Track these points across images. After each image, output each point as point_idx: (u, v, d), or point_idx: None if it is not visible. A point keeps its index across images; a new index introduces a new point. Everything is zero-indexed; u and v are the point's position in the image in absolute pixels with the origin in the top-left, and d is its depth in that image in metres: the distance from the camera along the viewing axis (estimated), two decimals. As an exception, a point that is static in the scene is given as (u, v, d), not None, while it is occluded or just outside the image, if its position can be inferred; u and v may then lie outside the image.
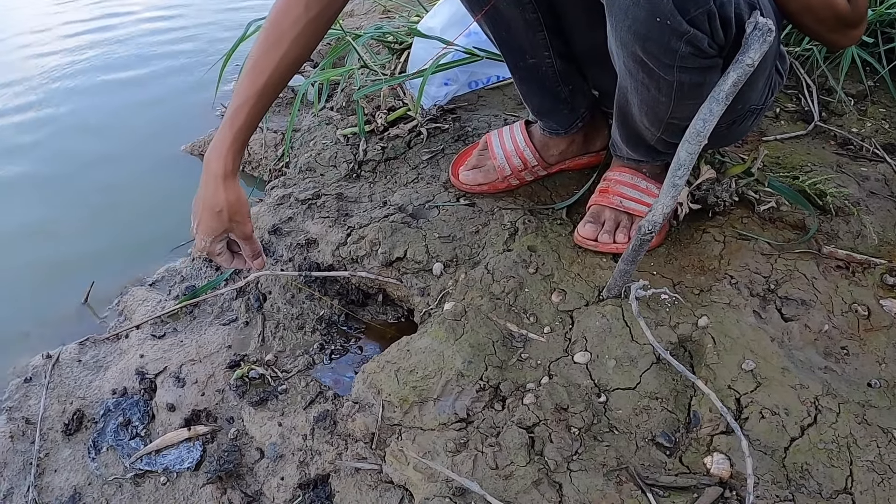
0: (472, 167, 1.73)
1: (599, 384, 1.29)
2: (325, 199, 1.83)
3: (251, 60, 1.33)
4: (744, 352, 1.28)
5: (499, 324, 1.41)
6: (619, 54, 1.18)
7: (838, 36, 1.22)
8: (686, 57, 1.08)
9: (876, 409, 1.20)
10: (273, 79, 1.33)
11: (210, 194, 1.34)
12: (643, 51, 1.10)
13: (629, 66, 1.18)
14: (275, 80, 1.33)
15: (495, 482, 1.17)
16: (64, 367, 1.63)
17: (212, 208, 1.34)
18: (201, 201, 1.35)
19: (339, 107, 2.26)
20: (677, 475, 1.16)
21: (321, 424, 1.36)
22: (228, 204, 1.34)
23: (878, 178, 1.71)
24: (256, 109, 1.33)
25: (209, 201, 1.34)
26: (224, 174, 1.33)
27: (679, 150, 1.16)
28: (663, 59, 1.10)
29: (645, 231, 1.24)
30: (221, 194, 1.34)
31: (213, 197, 1.34)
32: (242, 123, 1.32)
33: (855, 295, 1.40)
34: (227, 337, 1.63)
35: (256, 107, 1.33)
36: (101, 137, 2.70)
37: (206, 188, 1.34)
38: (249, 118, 1.33)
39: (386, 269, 1.62)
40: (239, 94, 1.33)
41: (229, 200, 1.34)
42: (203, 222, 1.36)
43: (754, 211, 1.57)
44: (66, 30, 3.78)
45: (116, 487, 1.40)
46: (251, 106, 1.32)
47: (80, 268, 2.00)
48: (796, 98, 2.08)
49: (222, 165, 1.33)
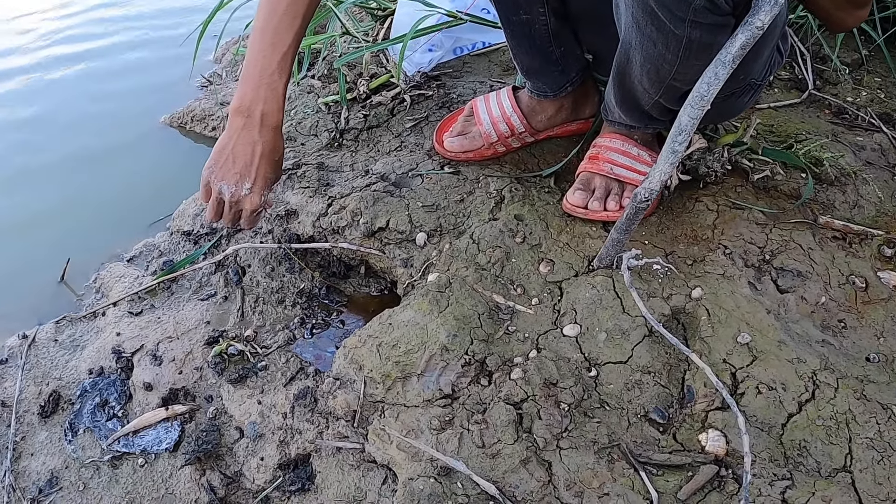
0: (457, 134, 1.69)
1: (590, 358, 1.26)
2: (306, 168, 1.78)
3: (279, 5, 1.31)
4: (739, 324, 1.25)
5: (485, 295, 1.37)
6: (628, 4, 1.14)
7: (844, 14, 1.19)
8: (700, 11, 1.05)
9: (875, 384, 1.18)
10: (307, 19, 1.34)
11: (270, 146, 1.37)
12: (656, 1, 1.06)
13: (638, 17, 1.14)
14: (307, 21, 1.35)
15: (482, 461, 1.14)
16: (40, 348, 1.60)
17: (271, 158, 1.39)
18: (259, 155, 1.37)
19: (320, 75, 2.21)
20: (671, 453, 1.13)
21: (301, 402, 1.33)
22: (282, 152, 1.42)
23: (875, 148, 1.69)
24: (294, 56, 1.36)
25: (270, 152, 1.37)
26: (280, 125, 1.38)
27: (681, 114, 1.13)
28: (676, 12, 1.06)
29: (641, 199, 1.20)
30: (280, 142, 1.40)
31: (274, 147, 1.38)
32: (289, 72, 1.35)
33: (852, 266, 1.38)
34: (205, 312, 1.60)
35: (295, 53, 1.36)
36: (76, 111, 2.63)
37: (264, 140, 1.36)
38: (291, 66, 1.36)
39: (368, 239, 1.58)
40: (277, 42, 1.32)
41: (283, 148, 1.42)
42: (262, 175, 1.38)
43: (748, 180, 1.54)
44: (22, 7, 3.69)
45: (94, 470, 1.37)
46: (293, 53, 1.35)
47: (57, 244, 1.95)
48: (790, 66, 2.06)
49: (280, 117, 1.37)
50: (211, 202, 1.40)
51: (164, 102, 2.57)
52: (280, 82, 1.33)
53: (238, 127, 1.34)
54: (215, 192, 1.38)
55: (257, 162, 1.36)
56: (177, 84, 2.72)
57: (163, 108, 2.54)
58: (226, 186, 1.36)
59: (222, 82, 2.60)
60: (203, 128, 2.36)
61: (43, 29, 3.35)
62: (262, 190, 1.39)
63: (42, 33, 3.31)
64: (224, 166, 1.36)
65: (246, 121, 1.34)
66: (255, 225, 1.46)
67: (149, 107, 2.58)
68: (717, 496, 1.07)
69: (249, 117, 1.33)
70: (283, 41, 1.31)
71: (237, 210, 1.40)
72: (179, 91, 2.65)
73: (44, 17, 3.49)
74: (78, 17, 3.48)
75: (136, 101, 2.66)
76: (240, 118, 1.34)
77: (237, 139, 1.35)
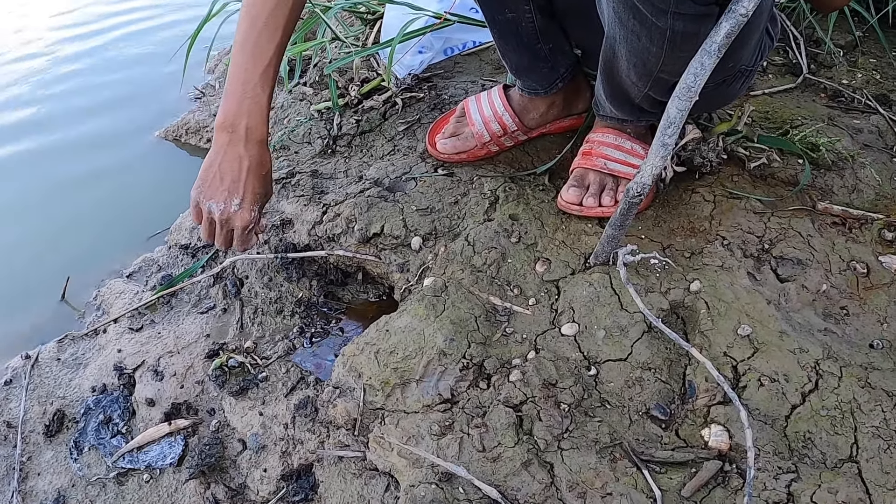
0: (449, 135, 1.68)
1: (589, 357, 1.25)
2: (300, 177, 1.77)
3: (258, 19, 1.30)
4: (739, 316, 1.23)
5: (481, 298, 1.36)
6: (608, 0, 1.13)
7: None
8: (681, 1, 1.03)
9: (879, 371, 1.16)
10: (288, 31, 1.32)
11: (257, 160, 1.34)
12: None
13: (619, 12, 1.12)
14: (289, 32, 1.33)
15: (483, 465, 1.13)
16: (43, 367, 1.60)
17: (259, 172, 1.35)
18: (246, 170, 1.34)
19: (312, 82, 2.20)
20: (674, 449, 1.12)
21: (302, 412, 1.33)
22: (270, 166, 1.38)
23: (872, 130, 1.68)
24: (277, 69, 1.34)
25: (256, 167, 1.34)
26: (266, 138, 1.35)
27: (668, 106, 1.11)
28: (658, 4, 1.05)
29: (633, 194, 1.19)
30: (267, 156, 1.36)
31: (260, 161, 1.35)
32: (272, 85, 1.33)
33: (853, 252, 1.36)
34: (204, 325, 1.60)
35: (278, 66, 1.33)
36: (72, 127, 2.63)
37: (250, 155, 1.33)
38: (274, 78, 1.34)
39: (363, 246, 1.57)
40: (258, 55, 1.31)
41: (270, 162, 1.38)
42: (250, 191, 1.35)
43: (744, 168, 1.52)
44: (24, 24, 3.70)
45: (100, 488, 1.37)
46: (275, 66, 1.33)
47: (57, 262, 1.96)
48: (783, 51, 2.05)
49: (265, 130, 1.34)
50: (203, 223, 1.38)
51: (159, 116, 2.57)
52: (263, 95, 1.31)
53: (223, 143, 1.32)
54: (205, 212, 1.36)
55: (245, 177, 1.33)
56: (170, 97, 2.71)
57: (157, 121, 2.54)
58: (214, 205, 1.34)
59: (215, 93, 2.59)
60: (198, 140, 2.36)
61: (34, 48, 3.35)
62: (252, 205, 1.36)
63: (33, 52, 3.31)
64: (212, 185, 1.34)
65: (231, 136, 1.32)
66: (248, 245, 1.42)
67: (143, 121, 2.58)
68: (722, 492, 1.06)
69: (234, 132, 1.31)
70: (264, 54, 1.30)
71: (229, 229, 1.37)
72: (173, 104, 2.65)
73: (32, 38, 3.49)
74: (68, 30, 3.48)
75: (130, 115, 2.66)
76: (224, 134, 1.32)
77: (223, 156, 1.33)
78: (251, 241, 1.42)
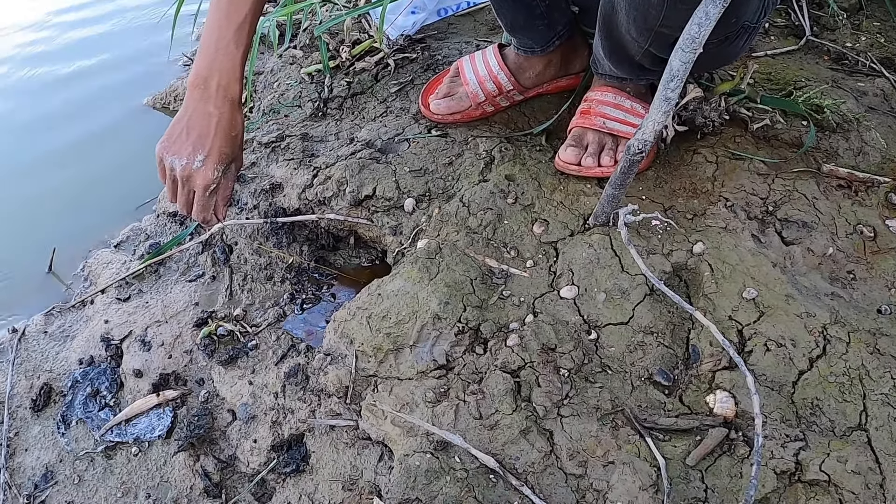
0: (443, 95, 1.64)
1: (589, 320, 1.22)
2: (290, 140, 1.73)
3: None
4: (744, 279, 1.21)
5: (477, 260, 1.33)
6: None
7: None
8: None
9: (888, 337, 1.14)
10: None
11: (227, 118, 1.29)
12: None
13: None
14: None
15: (480, 433, 1.11)
16: (30, 340, 1.59)
17: (228, 132, 1.29)
18: (214, 127, 1.28)
19: (302, 45, 2.16)
20: (678, 416, 1.10)
21: (292, 380, 1.31)
22: (241, 129, 1.33)
23: (877, 94, 1.65)
24: (253, 27, 1.30)
25: (226, 125, 1.29)
26: (239, 98, 1.30)
27: (671, 58, 1.06)
28: None
29: (634, 151, 1.15)
30: (238, 118, 1.31)
31: (231, 120, 1.29)
32: (247, 43, 1.29)
33: (859, 215, 1.34)
34: (193, 294, 1.58)
35: (254, 24, 1.29)
36: (58, 95, 2.60)
37: (220, 112, 1.28)
38: (249, 37, 1.29)
39: (355, 208, 1.53)
40: (232, 13, 1.26)
41: (242, 125, 1.33)
42: (217, 148, 1.29)
43: (747, 129, 1.49)
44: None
45: (88, 462, 1.37)
46: (250, 23, 1.28)
47: (43, 233, 1.94)
48: (786, 13, 2.02)
49: (238, 89, 1.29)
50: (168, 182, 1.32)
51: (146, 83, 2.54)
52: (237, 53, 1.27)
53: (194, 100, 1.28)
54: (167, 168, 1.30)
55: (212, 133, 1.28)
56: (158, 64, 2.68)
57: (145, 89, 2.51)
58: (177, 160, 1.28)
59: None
60: (186, 107, 2.31)
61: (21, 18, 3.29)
62: (216, 164, 1.29)
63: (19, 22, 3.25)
64: (177, 140, 1.28)
65: (202, 93, 1.27)
66: (208, 213, 1.35)
67: (130, 88, 2.54)
68: (728, 460, 1.04)
69: (206, 89, 1.27)
70: (238, 12, 1.25)
71: (190, 188, 1.31)
72: (161, 71, 2.62)
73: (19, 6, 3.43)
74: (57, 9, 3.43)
75: (118, 83, 2.62)
76: (196, 91, 1.28)
77: (192, 112, 1.28)
78: (212, 207, 1.35)
